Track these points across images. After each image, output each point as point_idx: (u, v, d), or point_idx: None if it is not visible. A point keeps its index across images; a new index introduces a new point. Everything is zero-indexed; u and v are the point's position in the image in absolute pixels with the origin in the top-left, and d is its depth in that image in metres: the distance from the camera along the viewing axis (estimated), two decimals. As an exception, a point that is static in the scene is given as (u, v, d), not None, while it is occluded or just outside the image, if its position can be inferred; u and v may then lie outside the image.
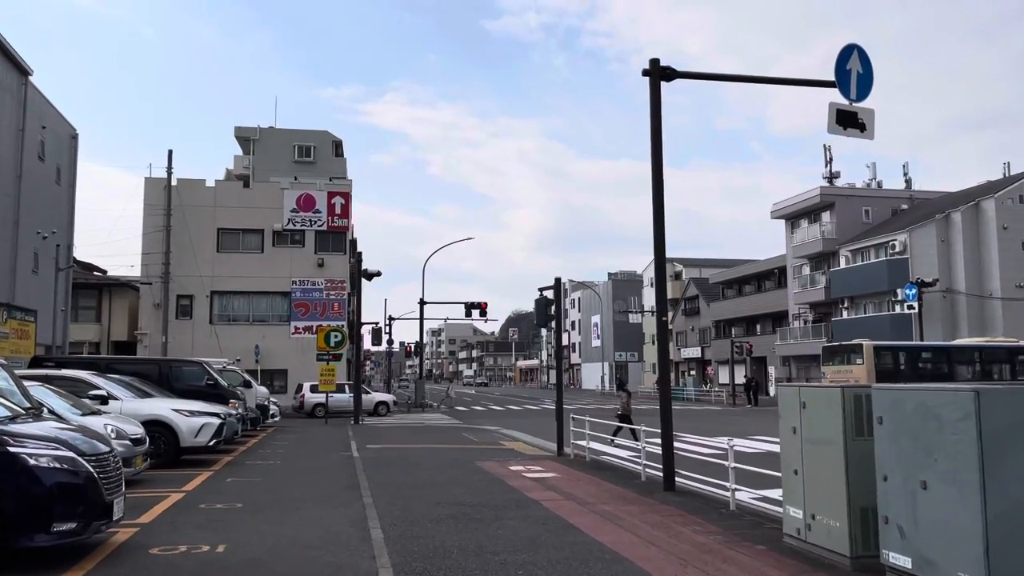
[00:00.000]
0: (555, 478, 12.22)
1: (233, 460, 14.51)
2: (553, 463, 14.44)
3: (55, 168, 24.23)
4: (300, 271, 36.37)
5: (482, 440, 20.38)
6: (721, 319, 60.01)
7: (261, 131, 56.01)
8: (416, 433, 22.96)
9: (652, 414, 34.63)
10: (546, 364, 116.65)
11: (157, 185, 35.11)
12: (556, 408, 16.43)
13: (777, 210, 49.34)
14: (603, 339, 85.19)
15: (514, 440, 20.48)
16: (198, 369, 18.11)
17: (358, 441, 19.53)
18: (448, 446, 18.52)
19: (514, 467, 13.73)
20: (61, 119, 24.89)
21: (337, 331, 28.18)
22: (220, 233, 36.08)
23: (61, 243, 24.09)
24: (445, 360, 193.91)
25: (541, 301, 16.75)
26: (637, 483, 11.64)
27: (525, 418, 32.42)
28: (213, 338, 34.79)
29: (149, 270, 34.69)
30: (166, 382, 17.51)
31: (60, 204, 24.60)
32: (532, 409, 40.83)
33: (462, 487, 11.16)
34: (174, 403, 13.58)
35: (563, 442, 16.24)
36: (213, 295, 35.68)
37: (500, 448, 18.06)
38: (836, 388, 6.52)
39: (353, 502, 9.75)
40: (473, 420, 30.40)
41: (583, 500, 10.01)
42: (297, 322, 36.04)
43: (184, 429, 12.83)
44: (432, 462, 14.58)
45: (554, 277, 16.72)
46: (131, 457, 10.59)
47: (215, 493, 10.32)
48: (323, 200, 36.94)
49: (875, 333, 39.84)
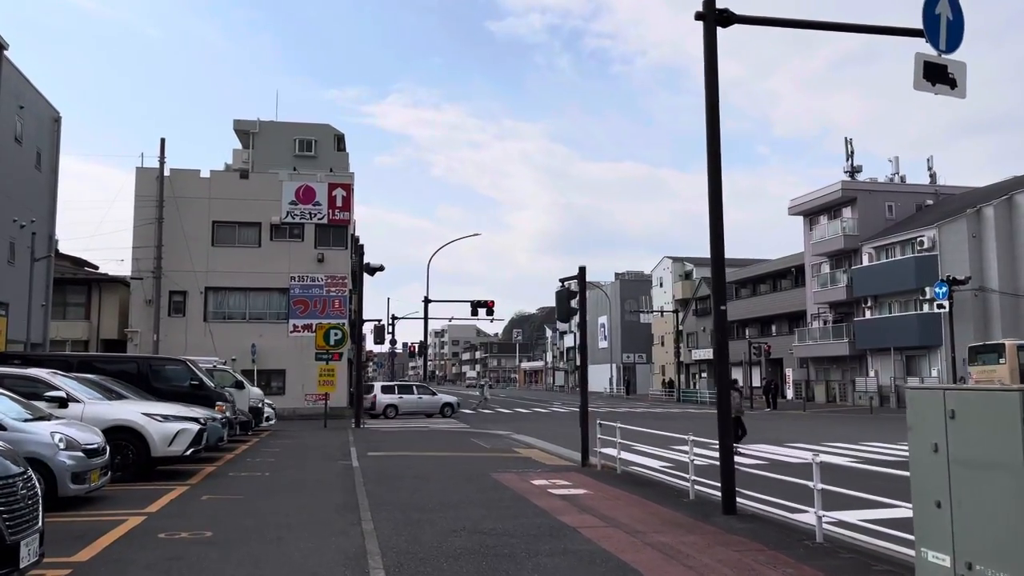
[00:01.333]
0: (588, 496, 10.44)
1: (215, 471, 12.75)
2: (580, 476, 12.66)
3: (34, 152, 22.53)
4: (299, 267, 34.60)
5: (494, 447, 18.62)
6: (735, 319, 58.08)
7: (261, 124, 54.31)
8: (421, 439, 21.20)
9: (667, 418, 33.05)
10: (551, 366, 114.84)
11: (149, 176, 33.36)
12: (580, 413, 14.65)
13: (795, 206, 47.52)
14: (611, 340, 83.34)
15: (529, 447, 18.71)
16: (181, 368, 16.35)
17: (358, 448, 17.77)
18: (458, 454, 16.75)
19: (537, 481, 11.94)
20: (42, 100, 23.16)
21: (337, 328, 26.47)
22: (215, 226, 34.32)
23: (40, 232, 22.39)
24: (448, 361, 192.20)
25: (562, 293, 14.98)
26: (686, 503, 9.86)
27: (536, 422, 30.64)
28: (207, 336, 33.03)
29: (140, 265, 32.92)
30: (145, 382, 15.76)
31: (40, 191, 22.90)
32: (542, 412, 39.03)
33: (480, 508, 9.39)
34: (146, 406, 11.82)
35: (588, 451, 14.46)
36: (208, 291, 33.92)
37: (516, 457, 16.29)
38: (1014, 391, 4.73)
39: (350, 529, 7.98)
40: (481, 424, 28.64)
41: (630, 527, 8.22)
42: (296, 320, 34.27)
43: (156, 436, 11.07)
44: (442, 474, 12.81)
45: (578, 267, 14.98)
46: (84, 471, 8.86)
47: (183, 517, 8.55)
48: (323, 192, 35.18)
49: (902, 333, 38.06)
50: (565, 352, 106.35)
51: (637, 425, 22.79)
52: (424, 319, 46.96)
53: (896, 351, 38.48)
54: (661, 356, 74.50)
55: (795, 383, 47.79)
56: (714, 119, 9.19)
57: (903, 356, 39.10)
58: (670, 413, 36.51)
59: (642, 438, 14.69)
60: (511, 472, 13.18)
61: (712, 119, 9.19)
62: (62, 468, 8.57)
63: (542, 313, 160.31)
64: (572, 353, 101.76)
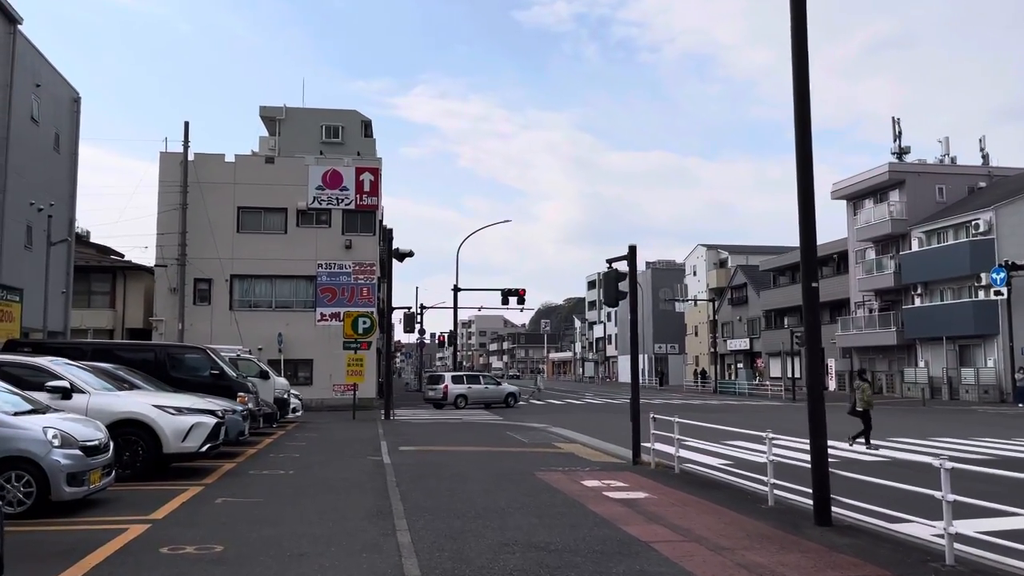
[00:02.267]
0: (650, 500, 9.20)
1: (234, 468, 11.68)
2: (634, 476, 11.41)
3: (52, 133, 21.67)
4: (326, 253, 33.62)
5: (533, 442, 17.43)
6: (772, 308, 56.39)
7: (287, 111, 53.56)
8: (455, 432, 20.07)
9: (709, 410, 31.44)
10: (580, 356, 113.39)
11: (173, 160, 32.55)
12: (631, 406, 13.39)
13: (838, 190, 45.64)
14: (642, 330, 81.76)
15: (570, 442, 17.49)
16: (201, 357, 15.34)
17: (389, 442, 16.68)
18: (495, 449, 15.58)
19: (588, 482, 10.72)
20: (61, 80, 22.30)
21: (366, 317, 25.42)
22: (240, 212, 33.43)
23: (58, 216, 21.57)
24: (475, 352, 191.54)
25: (611, 275, 13.72)
26: (766, 510, 8.57)
27: (571, 414, 29.41)
28: (233, 325, 32.19)
29: (165, 252, 32.14)
30: (163, 371, 14.78)
31: (59, 174, 22.05)
32: (576, 404, 37.79)
33: (530, 515, 8.19)
34: (158, 398, 10.77)
35: (640, 447, 13.20)
36: (233, 279, 33.07)
37: (558, 453, 15.08)
38: None
39: (383, 542, 6.82)
40: (514, 416, 27.48)
41: (712, 542, 6.97)
42: (323, 308, 33.32)
43: (167, 431, 10.01)
44: (482, 473, 11.63)
45: (628, 245, 13.70)
46: (83, 471, 7.79)
47: (192, 525, 7.44)
48: (351, 176, 34.13)
49: (955, 321, 36.23)
50: (594, 343, 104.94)
51: (678, 418, 21.09)
52: (454, 308, 45.86)
53: (948, 340, 36.63)
54: (694, 346, 72.91)
55: (838, 374, 46.01)
56: (803, 57, 7.84)
57: (956, 345, 37.25)
58: (710, 405, 35.10)
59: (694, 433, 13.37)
60: (557, 471, 11.97)
61: (800, 57, 7.84)
62: (56, 468, 7.50)
63: (569, 304, 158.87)
64: (602, 344, 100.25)
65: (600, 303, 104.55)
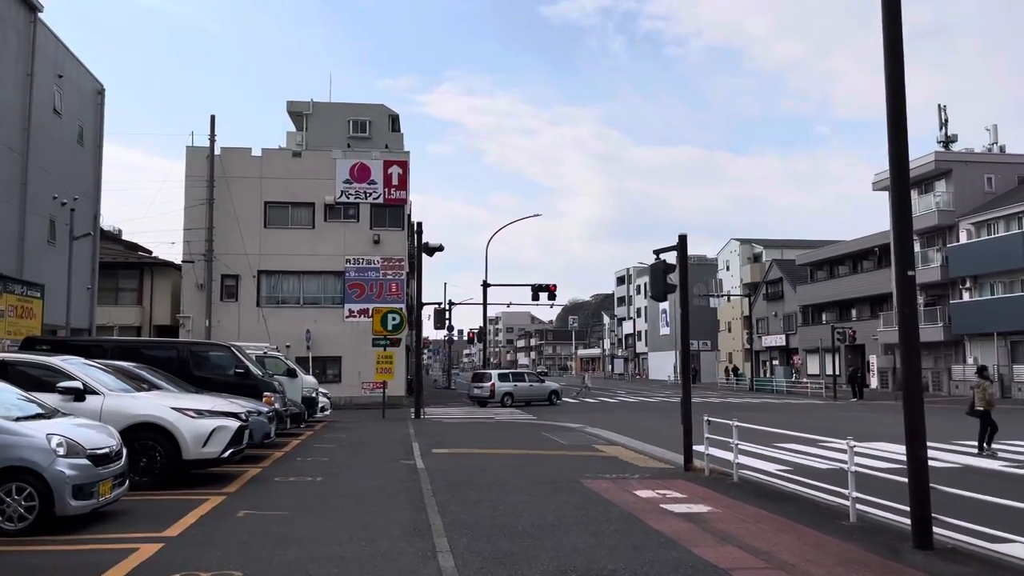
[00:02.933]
0: (715, 515, 8.27)
1: (259, 475, 10.92)
2: (690, 485, 10.48)
3: (76, 126, 21.16)
4: (354, 248, 32.97)
5: (571, 444, 16.54)
6: (810, 304, 54.87)
7: (314, 105, 53.24)
8: (488, 433, 19.24)
9: (750, 409, 30.15)
10: (609, 353, 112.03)
11: (199, 155, 32.08)
12: (683, 406, 12.43)
13: (881, 180, 44.02)
14: (673, 327, 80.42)
15: (611, 444, 16.57)
16: (226, 355, 14.64)
17: (421, 443, 15.89)
18: (533, 452, 14.72)
19: (641, 492, 9.81)
20: (84, 71, 21.76)
21: (395, 313, 24.68)
22: (267, 207, 32.88)
23: (82, 210, 21.08)
24: (503, 349, 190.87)
25: (658, 267, 12.79)
26: (850, 528, 7.61)
27: (606, 413, 28.45)
28: (261, 322, 31.67)
29: (191, 248, 31.69)
30: (186, 370, 14.10)
31: (83, 168, 21.56)
32: (609, 402, 36.80)
33: (585, 533, 7.31)
34: (177, 399, 10.03)
35: (691, 452, 12.25)
36: (260, 275, 32.54)
37: (600, 457, 14.18)
38: None
39: (422, 568, 5.98)
40: (548, 415, 26.61)
41: (801, 569, 6.04)
42: (351, 304, 32.68)
43: (187, 436, 9.27)
44: (524, 480, 10.76)
45: (678, 235, 12.75)
46: (91, 483, 7.05)
47: (210, 544, 6.65)
48: (379, 170, 33.43)
49: (1007, 316, 34.69)
50: (624, 339, 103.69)
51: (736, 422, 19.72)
52: (483, 304, 45.06)
53: (1000, 336, 35.08)
54: (727, 343, 71.49)
55: (880, 371, 44.50)
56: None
57: (1007, 342, 35.68)
58: (750, 404, 33.92)
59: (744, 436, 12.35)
60: (604, 478, 11.08)
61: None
62: (60, 480, 6.77)
63: (596, 300, 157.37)
64: (631, 340, 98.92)
65: (629, 299, 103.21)
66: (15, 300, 15.71)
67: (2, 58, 17.27)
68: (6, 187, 17.87)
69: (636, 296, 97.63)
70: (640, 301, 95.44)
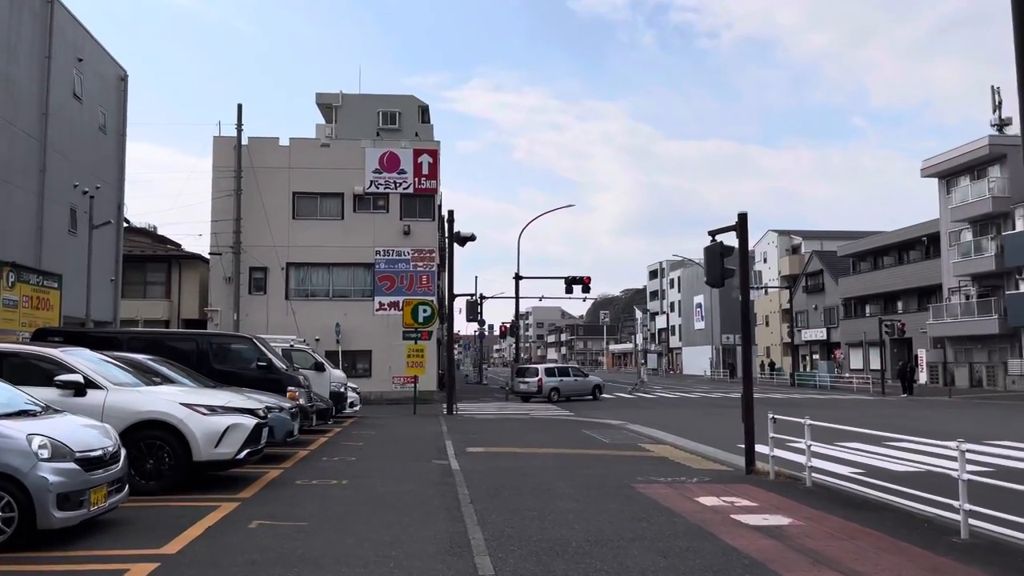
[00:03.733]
0: (799, 528, 7.13)
1: (279, 477, 9.98)
2: (758, 490, 9.34)
3: (98, 112, 20.49)
4: (384, 239, 32.13)
5: (615, 442, 15.43)
6: (852, 296, 53.01)
7: (344, 97, 52.52)
8: (525, 430, 18.19)
9: (797, 405, 28.31)
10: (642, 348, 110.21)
11: (226, 145, 31.44)
12: (743, 401, 11.24)
13: (930, 167, 42.18)
14: (708, 321, 78.75)
15: (657, 443, 15.44)
16: (248, 347, 13.74)
17: (455, 441, 14.90)
18: (576, 452, 13.64)
19: (704, 498, 8.70)
20: (106, 57, 21.05)
21: (426, 305, 23.76)
22: (296, 198, 32.16)
23: (105, 199, 20.41)
24: (533, 344, 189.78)
25: (715, 250, 11.59)
26: (965, 547, 6.43)
27: (646, 409, 27.29)
28: (290, 315, 30.97)
29: (219, 240, 31.08)
30: (205, 363, 13.25)
31: (106, 156, 20.90)
32: (647, 397, 35.58)
33: (651, 550, 6.23)
34: (188, 394, 9.10)
35: (754, 452, 11.08)
36: (289, 267, 31.85)
37: (649, 457, 13.07)
38: None
39: (464, 598, 4.94)
40: (585, 412, 25.51)
41: (930, 605, 4.90)
42: (381, 297, 31.85)
43: (198, 434, 8.35)
44: (570, 485, 9.70)
45: (738, 213, 11.55)
46: (80, 490, 6.14)
47: (212, 566, 5.67)
48: (408, 159, 32.52)
49: (1070, 308, 32.79)
50: (657, 334, 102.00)
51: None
52: (515, 298, 43.97)
53: (1061, 329, 33.23)
54: (765, 337, 69.67)
55: (930, 365, 42.66)
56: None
57: (1069, 334, 33.82)
58: (795, 400, 32.46)
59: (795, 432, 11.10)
60: (659, 482, 9.98)
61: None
62: (42, 487, 5.84)
63: (626, 295, 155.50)
64: (664, 335, 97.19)
65: (662, 293, 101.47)
66: (30, 290, 15.00)
67: (17, 39, 16.56)
68: (23, 173, 17.19)
69: (669, 290, 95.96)
70: (673, 295, 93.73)
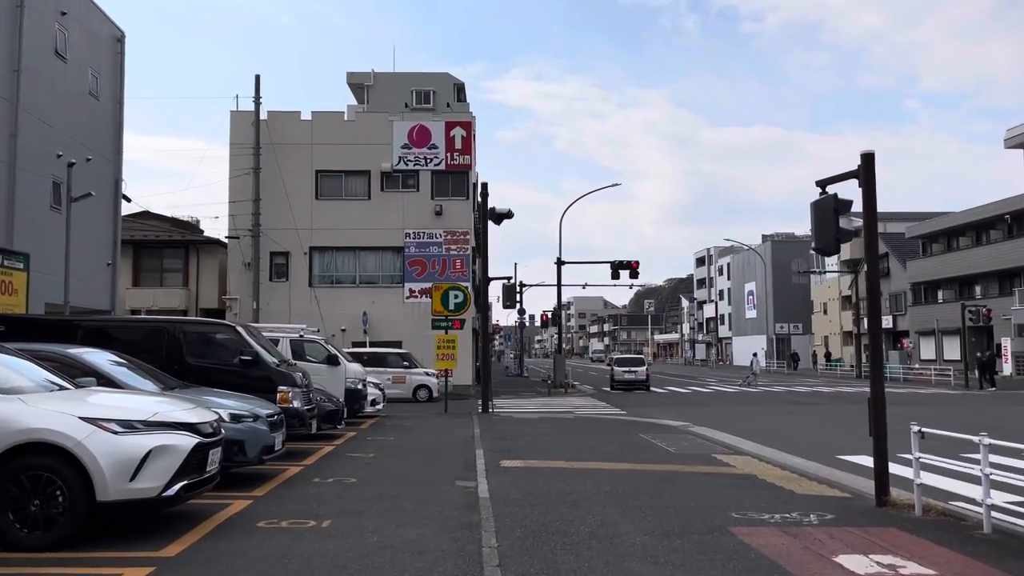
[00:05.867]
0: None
1: (237, 516, 7.28)
2: (913, 539, 6.45)
3: (88, 74, 18.20)
4: (414, 221, 29.58)
5: (683, 452, 12.58)
6: (922, 281, 49.08)
7: (375, 76, 49.77)
8: (571, 434, 15.40)
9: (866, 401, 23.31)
10: (689, 338, 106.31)
11: (244, 120, 29.15)
12: (872, 408, 8.28)
13: (1014, 136, 38.24)
14: (760, 309, 74.88)
15: (735, 452, 12.56)
16: (229, 337, 11.15)
17: (487, 450, 12.22)
18: (637, 468, 10.81)
19: (847, 559, 5.83)
20: (99, 14, 18.73)
21: (458, 290, 21.09)
22: (319, 176, 29.77)
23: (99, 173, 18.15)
24: (575, 335, 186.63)
25: (827, 205, 8.58)
26: None
27: (706, 407, 24.31)
28: (313, 303, 28.66)
29: (237, 222, 28.83)
30: (178, 356, 10.73)
31: (99, 124, 18.64)
32: (705, 392, 32.49)
33: None
34: (96, 403, 6.45)
35: (887, 477, 8.15)
36: (312, 251, 29.49)
37: (733, 475, 10.21)
38: None
39: None
40: (636, 409, 22.68)
41: None
42: (412, 284, 29.32)
43: (103, 462, 5.73)
44: (642, 526, 6.90)
45: (861, 153, 8.59)
46: None
47: None
48: (440, 132, 29.87)
49: None
50: (705, 323, 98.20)
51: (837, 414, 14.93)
52: (557, 285, 41.07)
53: None
54: (823, 326, 65.73)
55: (1015, 355, 38.76)
56: None
57: None
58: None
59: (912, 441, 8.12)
60: (765, 523, 7.14)
61: None
62: None
63: (669, 284, 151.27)
64: (712, 324, 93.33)
65: (710, 280, 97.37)
66: (-11, 271, 12.73)
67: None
68: (-14, 138, 14.92)
69: (718, 277, 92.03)
70: (722, 283, 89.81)
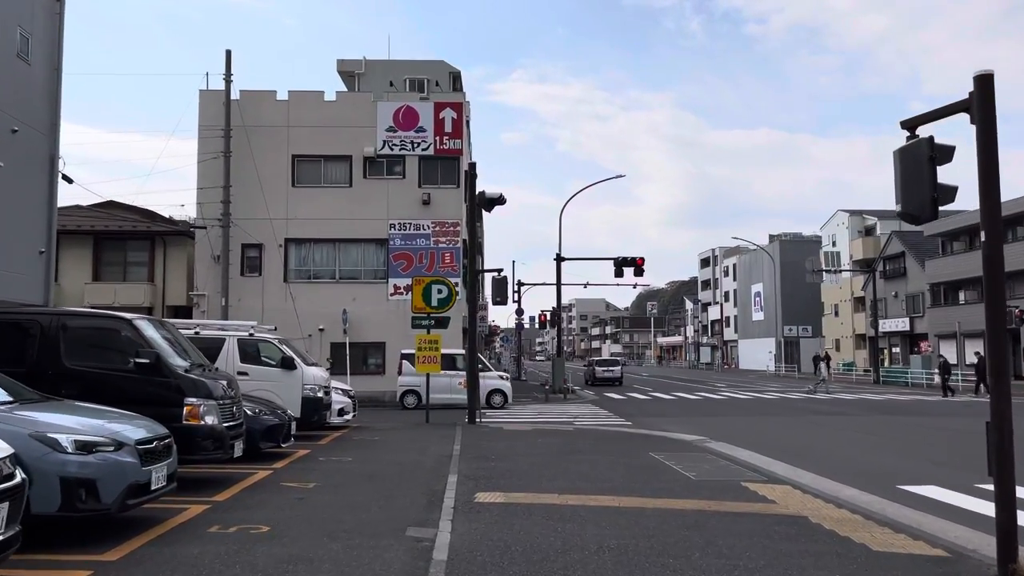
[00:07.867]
0: None
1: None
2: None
3: (15, 34, 15.84)
4: (400, 210, 27.11)
5: (704, 477, 10.08)
6: (942, 281, 46.55)
7: (367, 63, 47.38)
8: (569, 450, 12.87)
9: (905, 412, 22.00)
10: (693, 341, 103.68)
11: (215, 100, 26.67)
12: (995, 436, 5.79)
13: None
14: (768, 311, 72.35)
15: (771, 481, 10.04)
16: (123, 334, 8.62)
17: (463, 476, 9.72)
18: (653, 504, 8.28)
19: None
20: (31, -32, 16.41)
21: (441, 284, 18.62)
22: (295, 161, 27.31)
23: (27, 145, 15.70)
24: (576, 337, 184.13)
25: (917, 151, 6.03)
26: None
27: (719, 416, 21.82)
28: (288, 300, 26.20)
29: (205, 211, 26.37)
30: (51, 359, 8.24)
31: (29, 91, 16.26)
32: (715, 399, 29.95)
33: None
34: None
35: (1016, 536, 5.63)
36: (288, 243, 27.02)
37: (774, 515, 7.71)
38: None
39: None
40: (643, 418, 20.22)
41: None
42: (397, 279, 26.84)
43: None
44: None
45: (974, 76, 6.11)
46: None
47: None
48: (428, 114, 27.41)
49: None
50: (710, 325, 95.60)
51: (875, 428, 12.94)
52: (557, 284, 38.61)
53: None
54: (834, 328, 63.25)
55: (1047, 361, 36.26)
56: None
57: None
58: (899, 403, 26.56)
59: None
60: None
61: None
62: None
63: (672, 287, 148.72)
64: (717, 326, 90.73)
65: (715, 282, 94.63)
66: None
67: None
68: None
69: (723, 279, 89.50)
70: (728, 284, 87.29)
